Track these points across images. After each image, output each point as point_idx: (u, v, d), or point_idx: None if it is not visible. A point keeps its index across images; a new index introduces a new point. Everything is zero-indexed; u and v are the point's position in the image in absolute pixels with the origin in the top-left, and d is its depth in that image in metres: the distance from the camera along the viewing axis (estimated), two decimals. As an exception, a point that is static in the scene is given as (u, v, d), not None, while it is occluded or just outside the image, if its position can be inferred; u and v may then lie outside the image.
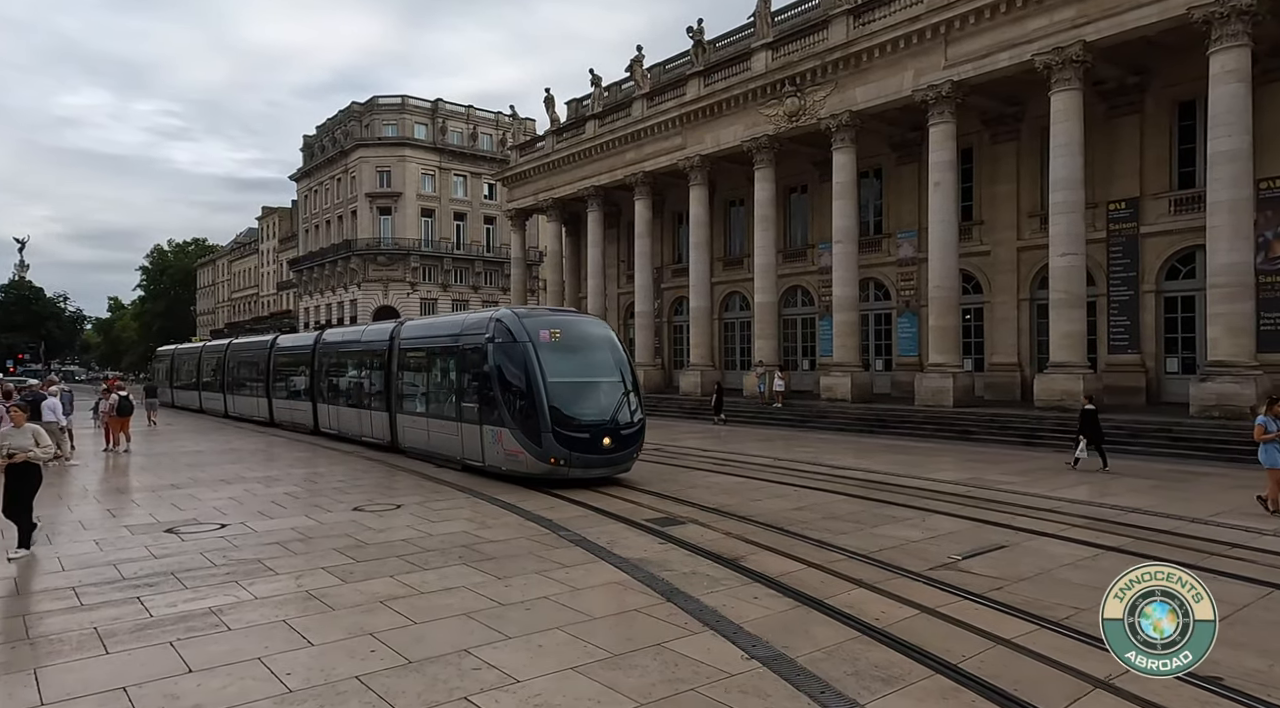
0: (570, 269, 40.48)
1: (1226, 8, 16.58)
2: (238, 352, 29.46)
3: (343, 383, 20.24)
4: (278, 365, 24.90)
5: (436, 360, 15.60)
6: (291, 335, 29.63)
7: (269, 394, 25.29)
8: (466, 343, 13.96)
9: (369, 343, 18.66)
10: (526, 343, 12.37)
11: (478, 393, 13.30)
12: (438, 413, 15.00)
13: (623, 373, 12.97)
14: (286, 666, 5.08)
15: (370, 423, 18.08)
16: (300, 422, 22.65)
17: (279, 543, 8.64)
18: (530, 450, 12.03)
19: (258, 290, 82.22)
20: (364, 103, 59.90)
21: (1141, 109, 21.27)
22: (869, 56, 23.50)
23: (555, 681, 4.86)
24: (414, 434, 15.96)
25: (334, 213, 61.28)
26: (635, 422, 12.61)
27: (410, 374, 16.61)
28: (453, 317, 17.16)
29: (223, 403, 29.80)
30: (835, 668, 5.09)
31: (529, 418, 12.01)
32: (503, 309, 14.17)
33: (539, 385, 11.98)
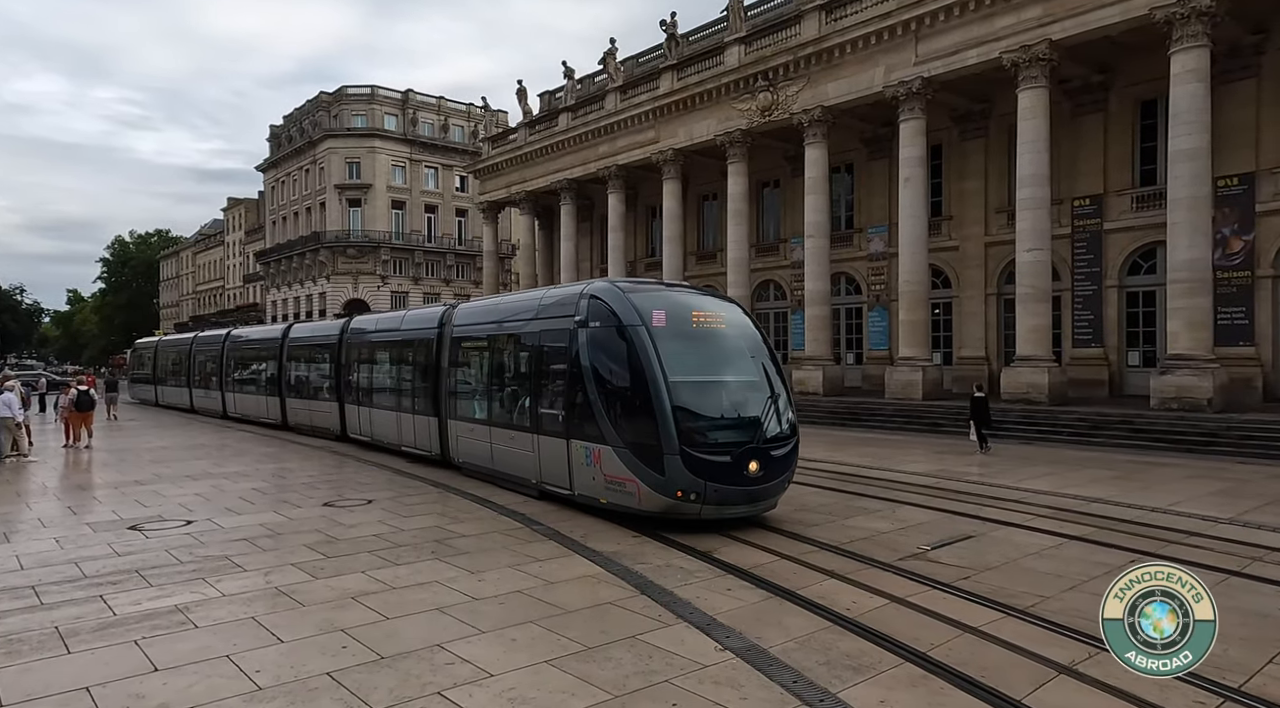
0: (544, 262, 40.29)
1: (1187, 9, 16.95)
2: (240, 343, 25.60)
3: (377, 379, 16.91)
4: (293, 359, 21.22)
5: (502, 352, 12.19)
6: (309, 324, 25.19)
7: (281, 393, 21.61)
8: (546, 328, 10.63)
9: (412, 331, 15.26)
10: (638, 327, 8.92)
11: (563, 396, 9.91)
12: (505, 421, 11.57)
13: (768, 368, 9.47)
14: (256, 663, 5.01)
15: (413, 430, 14.71)
16: (322, 425, 19.26)
17: (247, 539, 8.51)
18: (646, 478, 8.57)
19: (223, 283, 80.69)
20: (332, 93, 58.93)
21: (1105, 108, 21.69)
22: (841, 52, 23.66)
23: (529, 674, 4.86)
24: (471, 446, 12.62)
25: (302, 204, 60.29)
26: (789, 436, 9.16)
27: (466, 370, 13.31)
28: (525, 294, 13.25)
29: (220, 402, 25.98)
30: (807, 658, 5.15)
31: (644, 433, 8.61)
32: (596, 282, 10.41)
33: (659, 387, 8.53)
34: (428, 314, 15.14)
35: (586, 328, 9.53)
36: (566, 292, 10.77)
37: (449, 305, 14.54)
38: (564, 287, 12.15)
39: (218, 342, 26.89)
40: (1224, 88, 18.85)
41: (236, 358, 25.39)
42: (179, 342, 33.18)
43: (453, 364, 13.45)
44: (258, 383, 23.46)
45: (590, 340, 9.44)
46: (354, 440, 17.43)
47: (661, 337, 8.88)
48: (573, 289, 10.60)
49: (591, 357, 9.38)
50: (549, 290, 11.82)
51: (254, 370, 23.92)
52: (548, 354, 10.53)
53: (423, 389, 14.34)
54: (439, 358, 13.75)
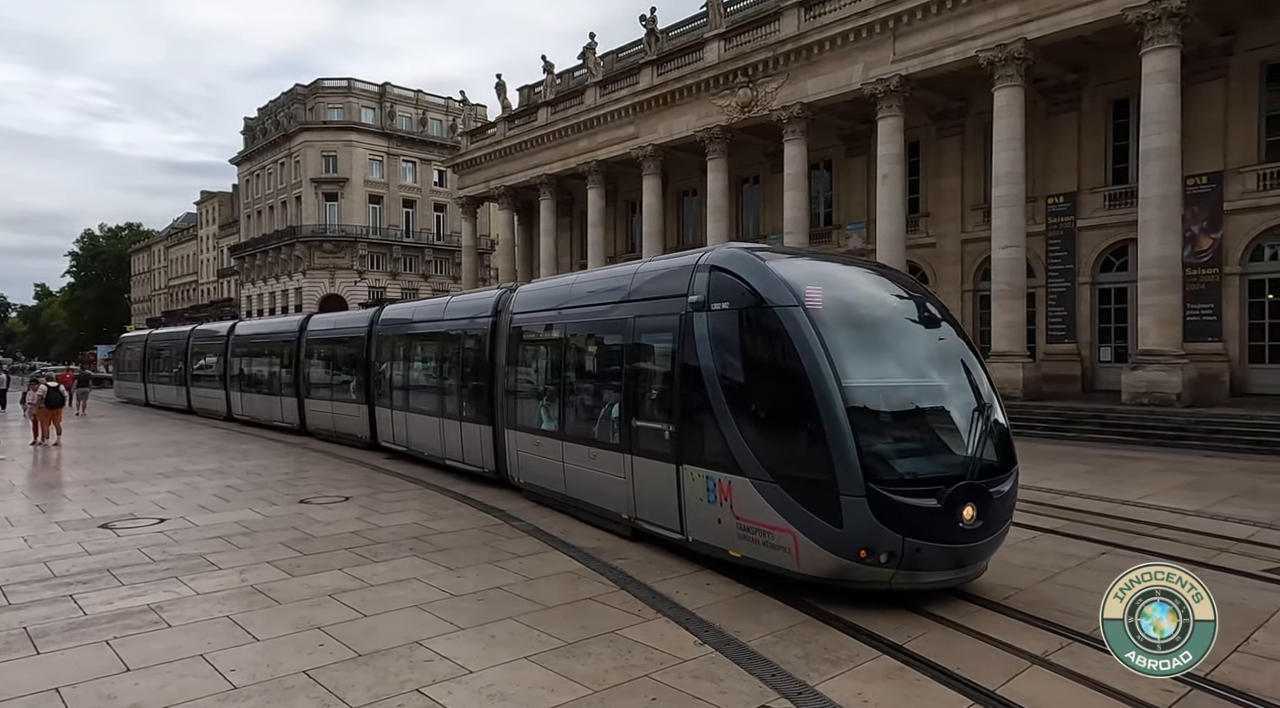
0: (523, 258, 40.12)
1: (1158, 10, 17.22)
2: (249, 337, 23.10)
3: (415, 378, 14.32)
4: (313, 354, 19.04)
5: (579, 345, 9.60)
6: (332, 315, 21.57)
7: (299, 393, 19.19)
8: (643, 313, 8.06)
9: (458, 320, 12.78)
10: (791, 309, 6.25)
11: (671, 405, 7.35)
12: (583, 434, 8.96)
13: (969, 366, 6.67)
14: (230, 662, 4.95)
15: (459, 440, 12.19)
16: (347, 431, 16.78)
17: (222, 537, 8.41)
18: (811, 528, 5.92)
19: (197, 278, 79.45)
20: (308, 85, 58.14)
21: (1079, 107, 21.98)
22: (820, 49, 23.76)
23: (508, 670, 4.85)
24: (537, 465, 10.00)
25: (277, 198, 59.49)
26: (1008, 465, 6.40)
27: (529, 368, 10.83)
28: (609, 271, 10.58)
29: (225, 402, 23.44)
30: (786, 651, 5.19)
31: (806, 461, 6.03)
32: (717, 248, 7.72)
33: (829, 395, 5.86)
34: (478, 300, 12.56)
35: (707, 311, 6.98)
36: (672, 264, 8.24)
37: (505, 288, 11.90)
38: (667, 258, 9.48)
39: (221, 335, 24.42)
40: (1194, 88, 19.18)
41: (244, 353, 22.72)
42: (173, 335, 30.16)
43: (512, 361, 10.85)
44: (270, 382, 20.80)
45: (714, 328, 6.87)
46: (386, 449, 15.01)
47: (826, 323, 6.18)
48: (681, 260, 7.99)
49: (717, 350, 6.82)
50: (645, 264, 8.94)
51: (266, 367, 21.36)
52: (646, 348, 8.07)
53: (472, 391, 11.89)
54: (493, 353, 11.28)
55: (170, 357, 28.78)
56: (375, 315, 16.07)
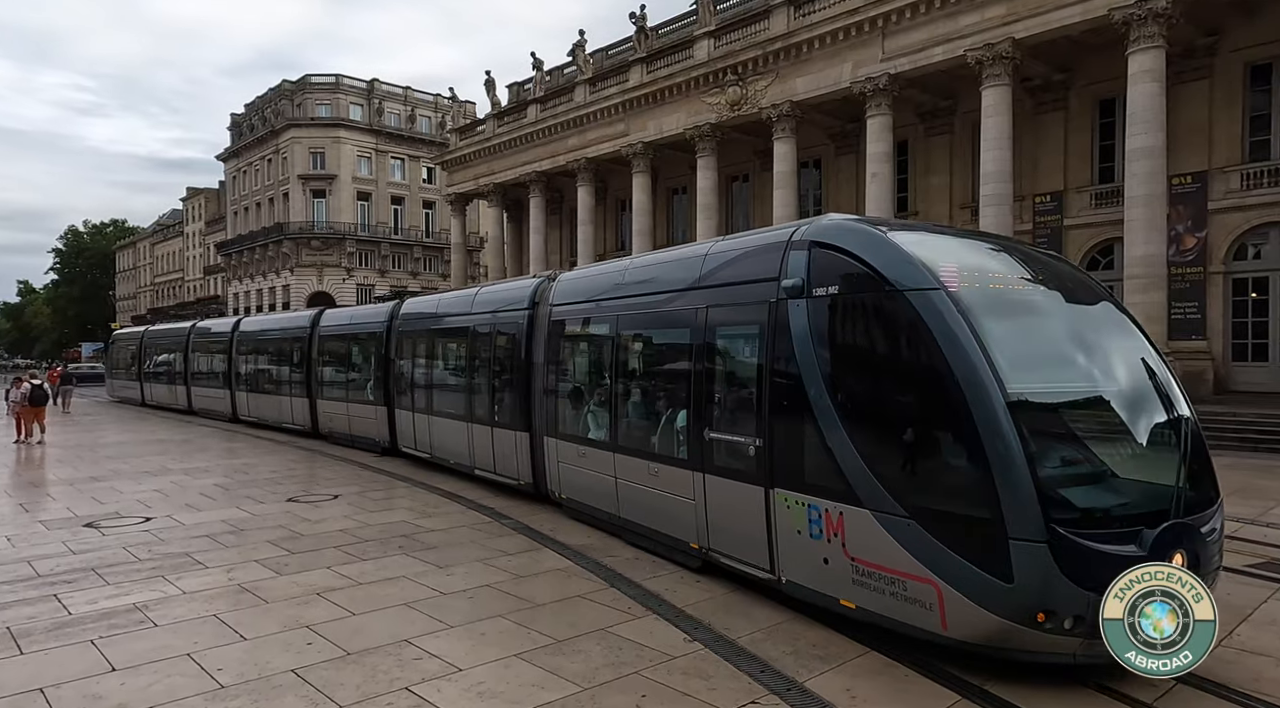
0: (512, 255, 40.00)
1: (1144, 10, 17.36)
2: (255, 334, 21.70)
3: (439, 378, 12.87)
4: (326, 353, 17.74)
5: (633, 341, 8.26)
6: (347, 310, 19.67)
7: (311, 393, 18.00)
8: (718, 302, 6.62)
9: (488, 314, 11.22)
10: (929, 292, 4.89)
11: (757, 413, 6.00)
12: (640, 446, 7.68)
13: (1155, 370, 5.23)
14: (218, 661, 4.93)
15: (490, 448, 10.83)
16: (364, 434, 15.56)
17: (208, 536, 8.35)
18: (964, 580, 4.54)
19: (183, 275, 78.81)
20: (295, 81, 57.73)
21: (1066, 106, 22.13)
22: (809, 48, 23.81)
23: (498, 668, 4.85)
24: (581, 480, 8.75)
25: (265, 195, 59.07)
26: (1215, 496, 5.04)
27: (571, 368, 9.41)
28: (672, 253, 8.68)
29: (229, 403, 22.00)
30: (775, 648, 5.21)
31: (959, 492, 4.72)
32: (818, 219, 6.09)
33: (990, 404, 4.49)
34: (512, 290, 11.18)
35: (808, 298, 5.53)
36: (755, 241, 6.64)
37: (544, 277, 10.53)
38: (749, 235, 7.37)
39: (225, 331, 23.01)
40: (1178, 88, 19.34)
41: (251, 350, 21.36)
42: (171, 333, 28.59)
43: (552, 359, 9.44)
44: (279, 381, 19.56)
45: (818, 319, 5.44)
46: (406, 455, 13.83)
47: (975, 311, 4.72)
48: (768, 236, 6.46)
49: (822, 347, 5.41)
50: (720, 243, 7.29)
51: (274, 366, 20.08)
52: (722, 344, 6.64)
53: (506, 393, 10.58)
54: (529, 350, 9.91)
55: (169, 354, 27.30)
56: (395, 309, 14.78)
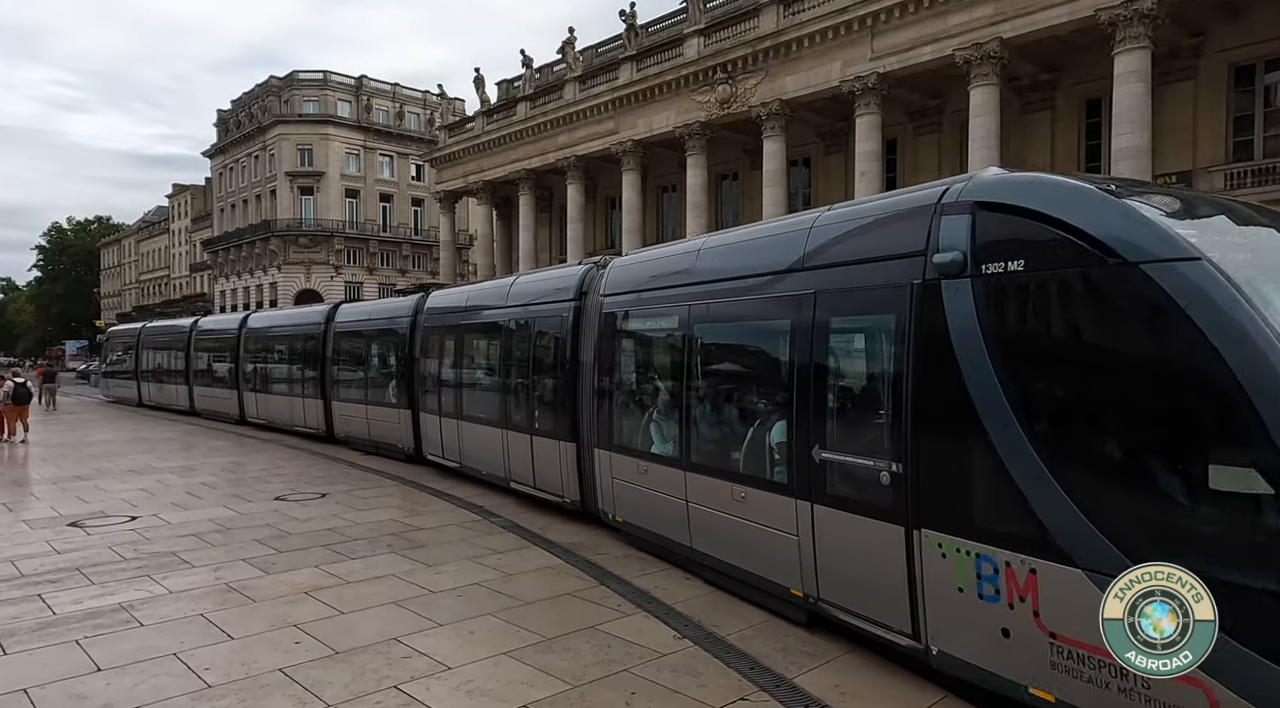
0: (502, 253, 39.88)
1: (1130, 11, 17.48)
2: (265, 331, 20.25)
3: (469, 378, 11.69)
4: (342, 351, 16.43)
5: (716, 337, 6.94)
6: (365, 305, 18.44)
7: (325, 395, 16.60)
8: (831, 283, 5.35)
9: (529, 304, 9.89)
10: (1188, 265, 3.39)
11: (898, 430, 4.63)
12: (720, 464, 6.44)
13: None
14: (204, 660, 4.89)
15: (530, 460, 9.55)
16: (386, 439, 14.11)
17: (195, 535, 8.29)
18: (1260, 684, 3.07)
19: (169, 272, 78.17)
20: (283, 78, 57.33)
21: (1053, 105, 22.26)
22: (799, 46, 23.84)
23: (487, 666, 4.84)
24: (644, 502, 7.36)
25: (252, 192, 58.65)
26: None
27: (627, 370, 8.11)
28: (764, 227, 7.68)
29: (237, 403, 20.76)
30: (764, 645, 5.23)
31: (1257, 551, 3.17)
32: (976, 175, 4.69)
33: None
34: (554, 280, 9.78)
35: (974, 277, 4.21)
36: (886, 206, 5.33)
37: (593, 264, 9.12)
38: (874, 200, 6.07)
39: (231, 328, 21.86)
40: (1164, 88, 19.49)
41: (260, 348, 20.13)
42: (173, 329, 27.01)
43: (603, 359, 8.05)
44: (292, 381, 18.30)
45: (991, 305, 4.14)
46: (434, 464, 12.44)
47: (1258, 289, 3.39)
48: (906, 198, 5.18)
49: (998, 342, 4.08)
50: (831, 212, 5.77)
51: (285, 365, 18.84)
52: (839, 338, 5.41)
53: (548, 396, 9.25)
54: (575, 347, 8.63)
55: (170, 352, 25.73)
56: (420, 303, 13.50)
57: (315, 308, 19.92)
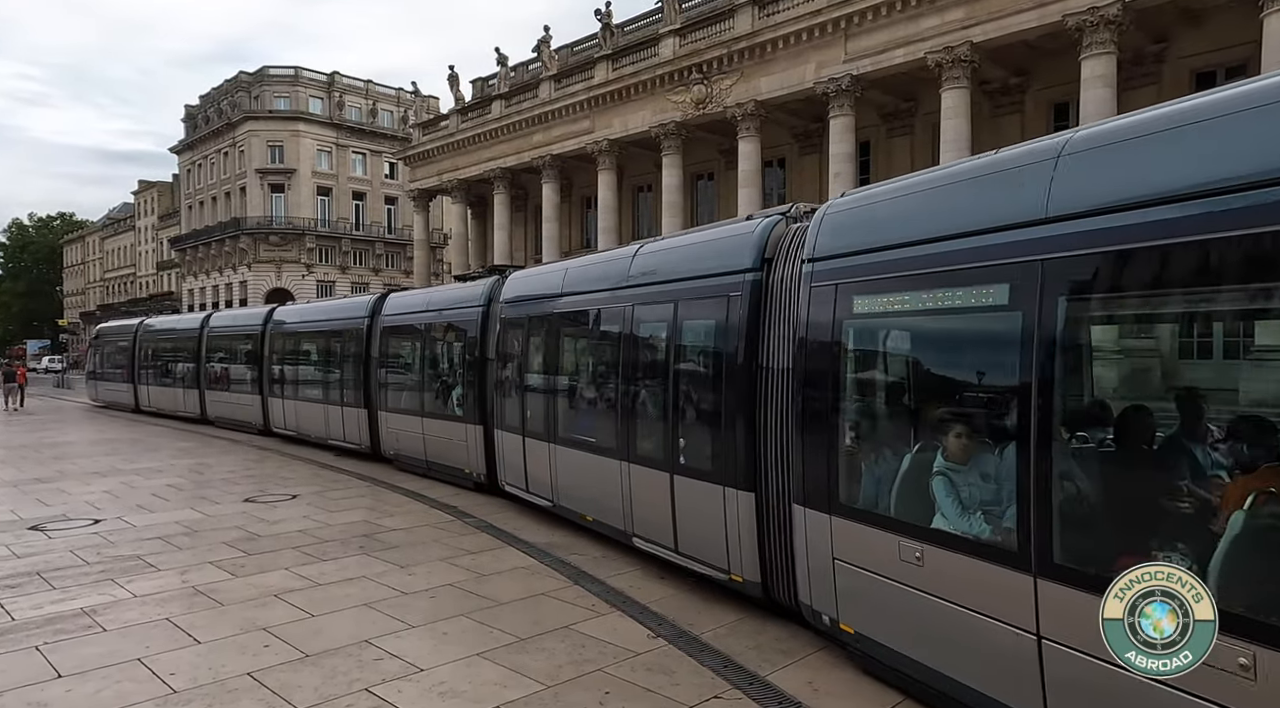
0: (476, 252, 39.64)
1: (1096, 17, 17.84)
2: (293, 327, 17.58)
3: (568, 388, 8.84)
4: (389, 353, 13.73)
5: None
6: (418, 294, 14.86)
7: (369, 402, 13.84)
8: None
9: (672, 282, 6.97)
10: None
11: None
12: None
13: None
14: (170, 665, 4.80)
15: (677, 511, 6.52)
16: (449, 462, 11.41)
17: (161, 538, 8.14)
18: None
19: (135, 270, 76.65)
20: (253, 73, 56.49)
21: (1022, 109, 22.62)
22: (773, 47, 23.98)
23: (461, 667, 4.81)
24: (899, 609, 4.33)
25: (221, 189, 57.69)
26: None
27: (870, 385, 5.14)
28: (979, 163, 4.45)
29: (260, 411, 17.99)
30: (738, 643, 5.25)
31: None
32: None
33: None
34: (711, 246, 6.86)
35: None
36: None
37: (776, 216, 6.24)
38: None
39: (252, 324, 18.90)
40: (1129, 93, 19.87)
41: (287, 349, 17.58)
42: (178, 325, 24.60)
43: (807, 363, 5.23)
44: (327, 386, 15.43)
45: None
46: (510, 496, 9.74)
47: None
48: None
49: None
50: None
51: (319, 368, 16.12)
52: None
53: (702, 420, 6.48)
54: (747, 348, 5.82)
55: (176, 351, 22.98)
56: (494, 289, 10.73)
57: (358, 299, 16.99)
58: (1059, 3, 18.42)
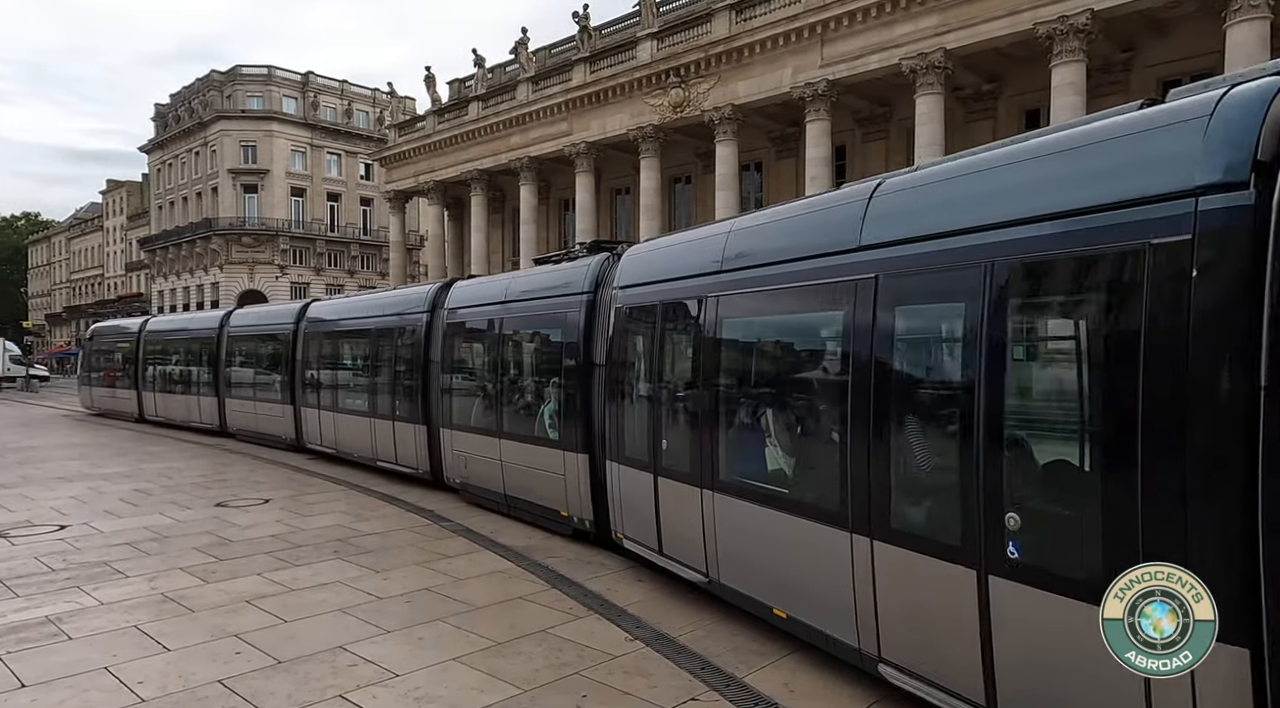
0: (453, 254, 39.39)
1: (1066, 25, 18.18)
2: (329, 324, 15.02)
3: (731, 405, 5.89)
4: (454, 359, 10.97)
5: None
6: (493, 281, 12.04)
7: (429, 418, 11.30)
8: None
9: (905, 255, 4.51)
10: None
11: None
12: None
13: None
14: (138, 674, 4.71)
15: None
16: (536, 500, 8.86)
17: (129, 544, 7.98)
18: None
19: (103, 271, 75.19)
20: (225, 72, 55.73)
21: (995, 115, 22.96)
22: (750, 52, 24.13)
23: (437, 672, 4.77)
24: None
25: (192, 189, 56.80)
26: None
27: None
28: None
29: (292, 423, 15.41)
30: (715, 644, 5.26)
31: None
32: None
33: None
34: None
35: None
36: None
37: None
38: None
39: (283, 323, 16.16)
40: (1098, 101, 20.22)
41: (325, 352, 14.83)
42: (191, 326, 21.82)
43: None
44: (377, 396, 12.58)
45: None
46: (633, 556, 7.15)
47: None
48: None
49: None
50: None
51: (366, 375, 13.19)
52: None
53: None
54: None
55: (187, 355, 20.34)
56: (603, 269, 8.37)
57: (414, 290, 13.98)
58: (1030, 11, 18.73)
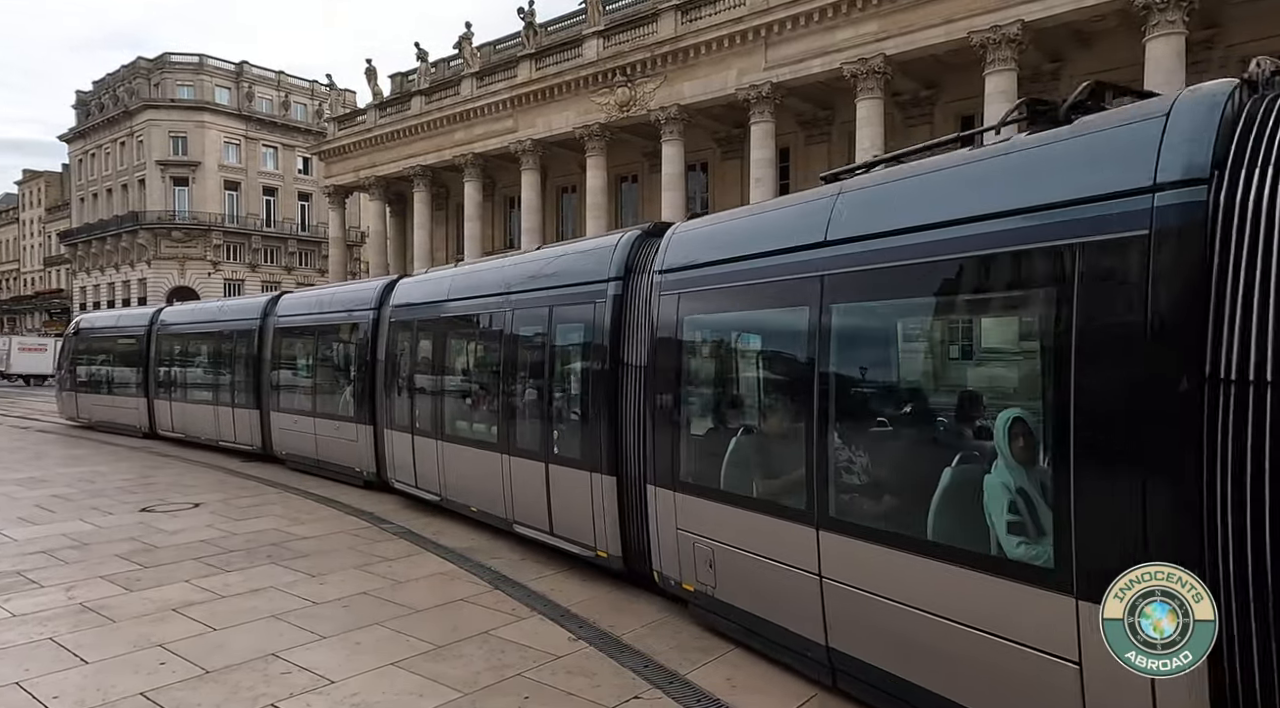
0: (395, 251, 38.62)
1: (999, 34, 18.84)
2: (428, 308, 9.60)
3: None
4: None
5: None
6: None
7: (618, 450, 6.41)
8: None
9: None
10: None
11: None
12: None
13: None
14: (53, 688, 4.47)
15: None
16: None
17: (45, 552, 7.58)
18: None
19: (19, 266, 71.39)
20: (153, 59, 53.49)
21: (932, 120, 23.61)
22: (696, 53, 24.30)
23: (374, 678, 4.66)
24: None
25: (117, 180, 54.40)
26: None
27: None
28: None
29: (372, 448, 11.05)
30: (659, 642, 5.27)
31: None
32: None
33: None
34: None
35: None
36: None
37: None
38: None
39: (358, 311, 11.64)
40: (1029, 109, 21.05)
41: (423, 354, 9.85)
42: (221, 317, 16.08)
43: None
44: (511, 412, 7.95)
45: None
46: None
47: None
48: None
49: None
50: None
51: (478, 377, 9.10)
52: None
53: None
54: None
55: (216, 355, 15.70)
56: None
57: (534, 252, 9.17)
58: (965, 20, 19.35)
